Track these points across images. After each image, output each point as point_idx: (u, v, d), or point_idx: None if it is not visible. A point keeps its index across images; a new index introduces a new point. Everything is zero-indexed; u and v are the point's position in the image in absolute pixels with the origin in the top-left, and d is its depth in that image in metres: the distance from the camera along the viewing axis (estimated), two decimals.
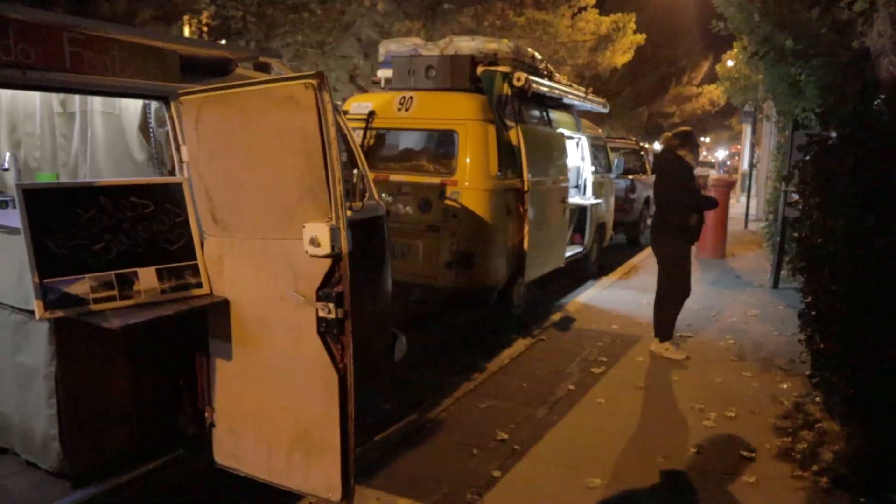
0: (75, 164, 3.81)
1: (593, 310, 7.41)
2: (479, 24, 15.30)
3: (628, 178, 12.10)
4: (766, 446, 4.10)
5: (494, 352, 5.85)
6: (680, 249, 5.65)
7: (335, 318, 2.58)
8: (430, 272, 5.91)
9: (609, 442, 4.14)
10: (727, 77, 19.19)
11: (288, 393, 2.81)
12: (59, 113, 3.84)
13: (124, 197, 2.81)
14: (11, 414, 2.93)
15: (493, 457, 3.88)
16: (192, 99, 2.87)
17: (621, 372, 5.41)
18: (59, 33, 2.61)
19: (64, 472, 2.80)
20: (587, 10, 18.88)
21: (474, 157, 5.80)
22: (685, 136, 5.66)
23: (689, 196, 5.51)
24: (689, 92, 33.63)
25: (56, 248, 2.57)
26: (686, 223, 5.49)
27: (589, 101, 8.61)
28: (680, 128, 5.94)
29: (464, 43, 6.65)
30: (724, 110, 35.59)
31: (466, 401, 4.68)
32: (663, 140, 5.93)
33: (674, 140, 5.65)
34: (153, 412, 3.07)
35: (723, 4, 8.17)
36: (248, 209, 2.81)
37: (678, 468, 3.84)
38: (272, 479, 2.92)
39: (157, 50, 2.98)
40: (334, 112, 2.55)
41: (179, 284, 2.90)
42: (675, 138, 5.65)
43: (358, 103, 6.45)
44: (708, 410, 4.63)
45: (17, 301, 2.83)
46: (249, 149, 2.72)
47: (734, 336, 6.44)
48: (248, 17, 11.10)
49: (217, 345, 3.02)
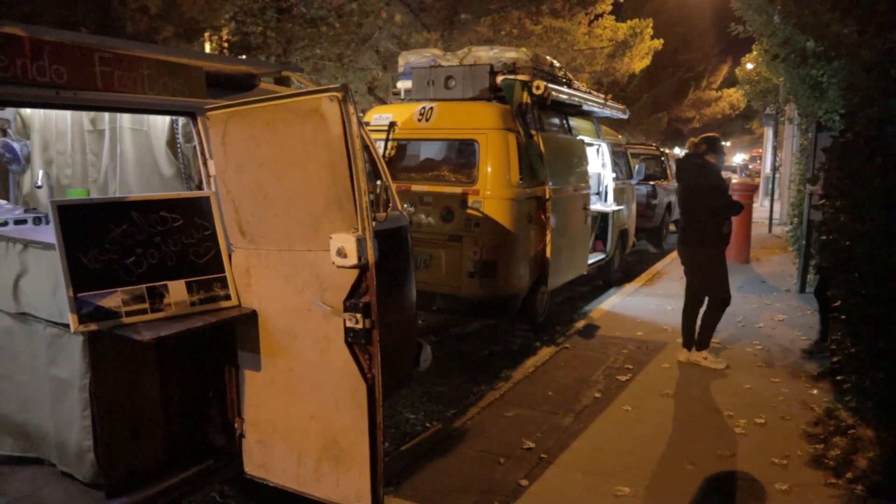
0: (105, 181, 3.89)
1: (617, 317, 7.37)
2: (497, 33, 15.33)
3: (649, 184, 12.04)
4: (798, 453, 4.04)
5: (519, 360, 5.84)
6: (716, 256, 5.52)
7: (363, 328, 2.60)
8: (452, 281, 5.92)
9: (637, 450, 4.10)
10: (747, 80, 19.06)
11: (316, 403, 2.83)
12: (89, 131, 3.93)
13: (154, 211, 2.86)
14: (47, 425, 2.98)
15: (520, 465, 3.87)
16: (219, 114, 2.92)
17: (648, 379, 5.37)
18: (90, 53, 2.67)
19: (98, 483, 2.85)
20: (604, 16, 18.83)
21: (495, 166, 5.81)
22: (712, 141, 5.58)
23: (719, 201, 5.41)
24: (709, 96, 33.40)
25: (89, 263, 2.63)
26: (719, 229, 5.39)
27: (608, 107, 8.59)
28: (706, 133, 5.85)
29: (482, 52, 6.69)
30: (745, 114, 35.31)
31: (492, 410, 4.67)
32: (689, 145, 5.88)
33: (700, 145, 5.56)
34: (183, 423, 3.11)
35: (742, 7, 8.12)
36: (274, 221, 2.84)
37: (708, 476, 3.79)
38: (301, 488, 2.94)
39: (183, 67, 3.04)
40: (359, 124, 2.58)
41: (208, 297, 2.94)
42: (701, 143, 5.57)
43: (378, 115, 6.50)
44: (737, 417, 4.57)
45: (51, 315, 2.88)
46: (276, 162, 2.76)
47: (761, 341, 6.36)
48: (268, 33, 11.23)
49: (245, 356, 3.05)
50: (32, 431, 3.04)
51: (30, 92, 2.51)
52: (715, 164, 5.51)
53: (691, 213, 5.58)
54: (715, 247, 5.49)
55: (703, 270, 5.59)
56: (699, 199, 5.49)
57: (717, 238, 5.44)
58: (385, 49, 13.56)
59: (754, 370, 5.59)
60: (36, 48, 2.47)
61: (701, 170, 5.51)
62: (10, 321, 3.06)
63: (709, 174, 5.47)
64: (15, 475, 3.02)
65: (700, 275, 5.63)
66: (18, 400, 3.07)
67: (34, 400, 3.02)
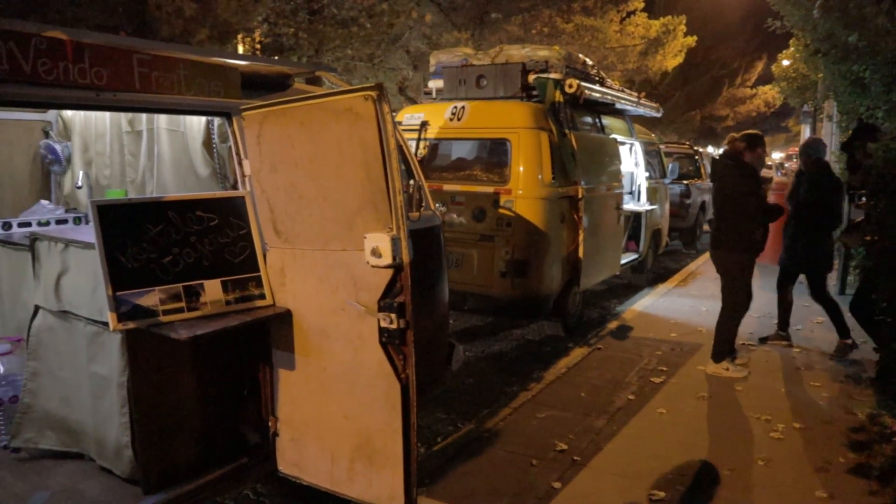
0: (142, 181, 3.95)
1: (650, 318, 7.27)
2: (527, 32, 15.27)
3: (683, 184, 11.85)
4: (840, 460, 3.93)
5: (550, 361, 5.79)
6: (744, 261, 5.26)
7: (397, 328, 2.59)
8: (484, 281, 5.90)
9: (672, 453, 4.03)
10: (783, 77, 18.64)
11: (350, 402, 2.83)
12: (127, 132, 4.00)
13: (191, 211, 2.89)
14: (87, 421, 3.04)
15: (553, 468, 3.83)
16: (255, 114, 2.94)
17: (682, 381, 5.28)
18: (129, 55, 2.71)
19: (135, 479, 2.88)
20: (636, 14, 18.63)
21: (528, 166, 5.77)
22: (750, 138, 5.28)
23: (753, 206, 5.14)
24: (743, 94, 32.77)
25: (127, 262, 2.66)
26: (751, 236, 5.14)
27: (642, 105, 8.48)
28: (748, 130, 5.56)
29: (514, 51, 6.65)
30: (781, 111, 34.57)
31: (524, 411, 4.64)
32: (728, 140, 5.67)
33: (739, 142, 5.30)
34: (218, 421, 3.13)
35: (778, 2, 7.95)
36: (309, 221, 2.85)
37: (746, 482, 3.71)
38: (334, 487, 2.95)
39: (219, 67, 3.07)
40: (393, 123, 2.57)
41: (243, 296, 2.96)
42: (740, 140, 5.30)
43: (410, 114, 6.50)
44: (775, 422, 4.47)
45: (91, 313, 2.93)
46: (310, 161, 2.77)
47: (799, 344, 6.22)
48: (300, 34, 11.34)
49: (280, 355, 3.07)
50: (73, 426, 3.10)
51: (71, 94, 2.55)
52: (751, 163, 5.24)
53: (724, 217, 5.34)
54: (746, 252, 5.24)
55: (727, 275, 5.36)
56: (732, 205, 5.25)
57: (749, 244, 5.19)
58: (415, 49, 13.61)
59: (792, 373, 5.46)
60: (77, 51, 2.51)
61: (735, 172, 5.24)
62: (52, 319, 3.12)
63: (743, 177, 5.20)
64: (57, 469, 3.07)
65: (724, 280, 5.41)
66: (60, 396, 3.12)
67: (75, 396, 3.07)
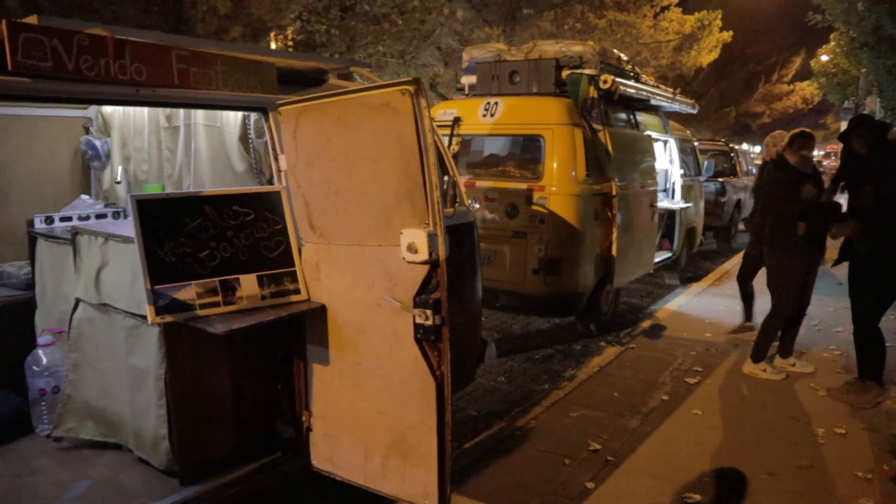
0: (179, 176, 3.99)
1: (684, 317, 7.15)
2: (559, 27, 15.12)
3: (718, 181, 11.63)
4: (885, 467, 3.81)
5: (583, 360, 5.73)
6: (783, 263, 5.19)
7: (432, 324, 2.57)
8: (516, 278, 5.85)
9: (707, 456, 3.96)
10: (822, 73, 18.25)
11: (384, 398, 2.82)
12: (164, 127, 4.04)
13: (227, 206, 2.91)
14: (125, 412, 3.08)
15: (586, 467, 3.79)
16: (291, 109, 2.94)
17: (717, 382, 5.18)
18: (167, 51, 2.73)
19: (172, 470, 2.92)
20: (670, 9, 18.34)
21: (561, 162, 5.71)
22: (794, 138, 5.14)
23: (789, 210, 5.04)
24: (780, 90, 32.10)
25: (165, 256, 2.69)
26: (792, 233, 5.02)
27: (677, 101, 8.33)
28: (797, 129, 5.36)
29: (548, 47, 6.58)
30: (819, 108, 33.83)
31: (556, 409, 4.59)
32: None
33: (788, 140, 5.18)
34: (253, 415, 3.15)
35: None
36: (344, 216, 2.84)
37: (785, 487, 3.62)
38: (368, 483, 2.94)
39: (255, 63, 3.08)
40: (430, 118, 2.55)
41: (279, 290, 2.97)
42: (789, 139, 5.18)
43: (443, 110, 6.48)
44: (815, 426, 4.36)
45: (129, 306, 2.97)
46: (346, 156, 2.76)
47: (840, 347, 6.05)
48: (332, 31, 11.39)
49: (314, 350, 3.07)
50: (112, 418, 3.15)
51: (112, 90, 2.58)
52: (793, 164, 5.10)
53: (766, 217, 5.33)
54: (784, 254, 5.16)
55: (772, 273, 5.29)
56: (772, 206, 5.24)
57: (788, 245, 5.10)
58: (447, 45, 13.58)
59: (833, 377, 5.32)
60: (118, 48, 2.54)
61: (775, 174, 5.22)
62: (92, 311, 3.17)
63: (780, 181, 5.15)
64: (97, 459, 3.13)
65: (770, 276, 5.35)
66: (99, 387, 3.18)
67: (114, 387, 3.12)
